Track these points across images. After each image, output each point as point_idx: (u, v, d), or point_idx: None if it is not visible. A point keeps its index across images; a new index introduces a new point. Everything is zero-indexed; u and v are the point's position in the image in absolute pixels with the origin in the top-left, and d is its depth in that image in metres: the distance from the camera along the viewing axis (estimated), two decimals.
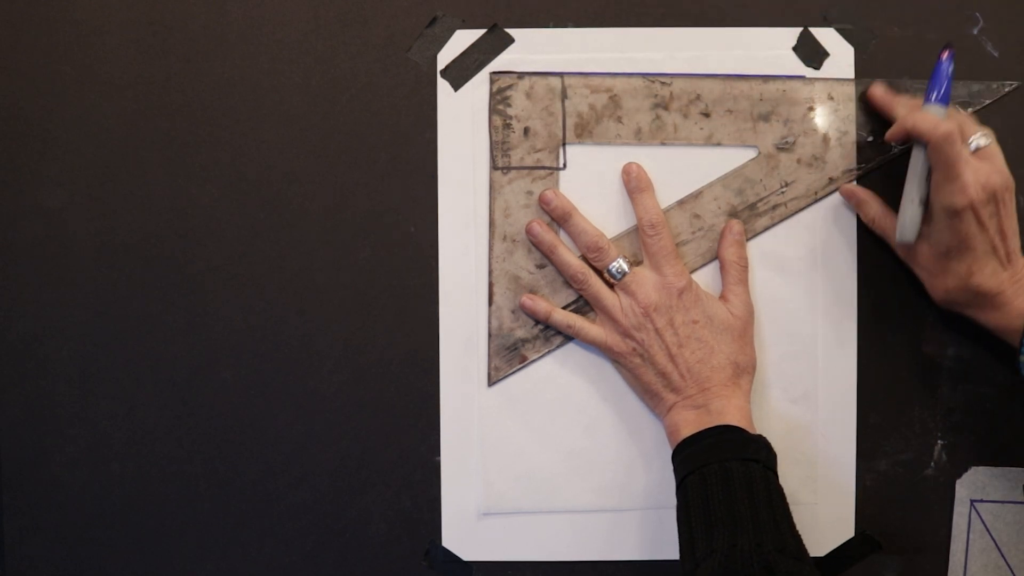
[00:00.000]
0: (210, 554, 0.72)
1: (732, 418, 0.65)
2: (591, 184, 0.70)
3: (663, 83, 0.70)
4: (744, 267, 0.70)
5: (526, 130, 0.70)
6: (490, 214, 0.70)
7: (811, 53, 0.71)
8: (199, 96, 0.71)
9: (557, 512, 0.71)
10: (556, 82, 0.70)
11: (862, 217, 0.70)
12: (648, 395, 0.69)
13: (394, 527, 0.72)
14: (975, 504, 0.71)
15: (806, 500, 0.71)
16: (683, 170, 0.70)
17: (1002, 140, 0.66)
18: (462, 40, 0.70)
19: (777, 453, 0.65)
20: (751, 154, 0.70)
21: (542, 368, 0.71)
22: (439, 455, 0.71)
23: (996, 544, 0.71)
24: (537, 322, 0.70)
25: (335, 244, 0.71)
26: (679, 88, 0.70)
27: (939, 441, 0.72)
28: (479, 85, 0.70)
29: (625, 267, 0.68)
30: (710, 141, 0.70)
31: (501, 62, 0.70)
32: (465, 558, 0.71)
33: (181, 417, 0.71)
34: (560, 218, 0.70)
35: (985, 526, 0.71)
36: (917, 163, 0.65)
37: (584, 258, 0.70)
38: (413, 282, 0.71)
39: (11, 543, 0.72)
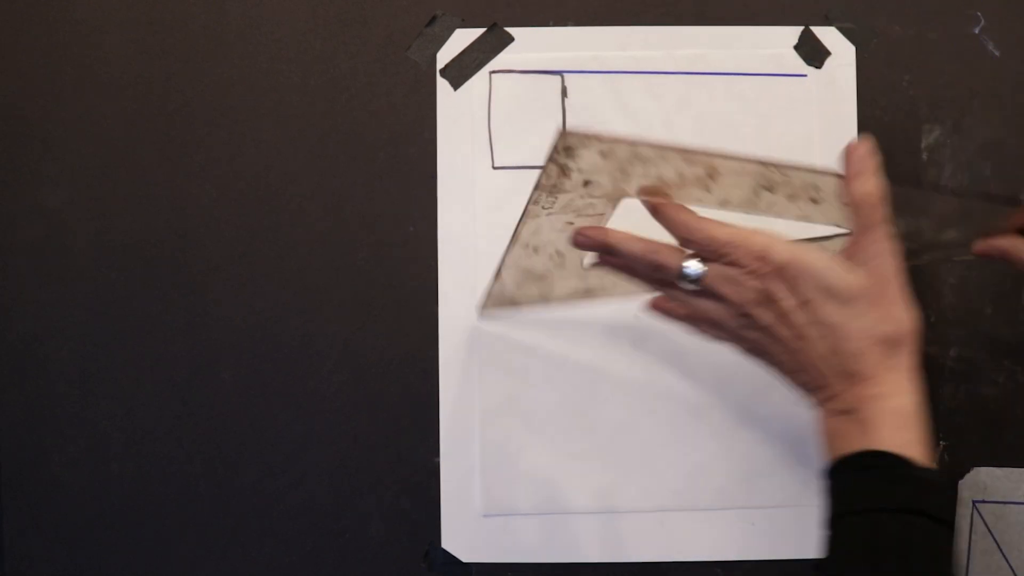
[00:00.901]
0: (210, 554, 0.72)
1: (889, 431, 0.52)
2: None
3: (781, 171, 0.55)
4: (877, 205, 0.53)
5: (586, 182, 0.56)
6: (516, 229, 0.60)
7: (812, 52, 0.70)
8: (199, 96, 0.71)
9: (557, 513, 0.71)
10: (646, 151, 0.54)
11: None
12: (793, 387, 0.57)
13: (394, 528, 0.71)
14: (977, 505, 0.71)
15: (808, 502, 0.70)
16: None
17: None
18: (461, 39, 0.70)
19: (778, 454, 0.64)
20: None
21: (543, 369, 0.71)
22: (439, 455, 0.71)
23: (998, 545, 0.71)
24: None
25: (335, 244, 0.71)
26: (799, 180, 0.56)
27: (941, 442, 0.71)
28: (479, 84, 0.70)
29: (699, 267, 0.54)
30: (806, 221, 0.59)
31: (501, 61, 0.70)
32: (465, 559, 0.71)
33: (181, 417, 0.71)
34: (601, 251, 0.58)
35: (987, 527, 0.71)
36: None
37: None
38: (413, 282, 0.71)
39: (11, 543, 0.72)
